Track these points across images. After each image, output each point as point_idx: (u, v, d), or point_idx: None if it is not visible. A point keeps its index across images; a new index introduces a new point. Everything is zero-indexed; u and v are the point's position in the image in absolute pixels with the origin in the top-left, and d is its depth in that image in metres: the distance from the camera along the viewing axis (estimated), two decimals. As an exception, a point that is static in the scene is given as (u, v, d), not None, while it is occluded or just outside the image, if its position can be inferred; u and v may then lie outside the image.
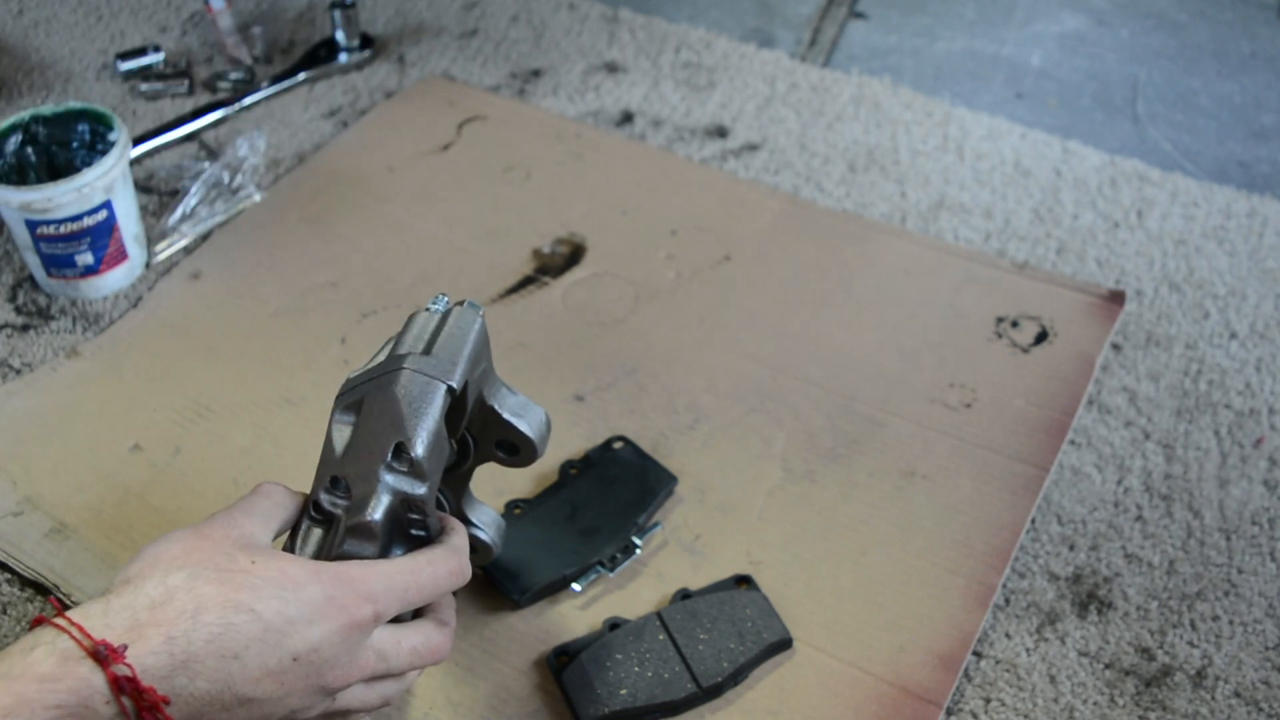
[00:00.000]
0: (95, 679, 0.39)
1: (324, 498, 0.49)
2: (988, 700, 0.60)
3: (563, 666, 0.59)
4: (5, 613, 0.63)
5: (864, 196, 0.90)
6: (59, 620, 0.40)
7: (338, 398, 0.50)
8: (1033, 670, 0.61)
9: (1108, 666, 0.62)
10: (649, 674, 0.57)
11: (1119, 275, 0.84)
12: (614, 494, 0.66)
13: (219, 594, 0.42)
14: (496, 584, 0.62)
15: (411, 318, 0.52)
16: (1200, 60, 1.06)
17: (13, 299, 0.83)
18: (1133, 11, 1.13)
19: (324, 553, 0.49)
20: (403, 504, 0.48)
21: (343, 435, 0.49)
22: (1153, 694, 0.60)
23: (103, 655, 0.39)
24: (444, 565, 0.48)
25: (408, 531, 0.49)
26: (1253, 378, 0.77)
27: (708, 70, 1.03)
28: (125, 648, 0.40)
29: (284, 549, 0.50)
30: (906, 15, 1.12)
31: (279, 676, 0.43)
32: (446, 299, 0.53)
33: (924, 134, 0.96)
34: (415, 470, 0.47)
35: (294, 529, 0.50)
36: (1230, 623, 0.64)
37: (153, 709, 0.40)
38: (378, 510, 0.47)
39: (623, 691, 0.57)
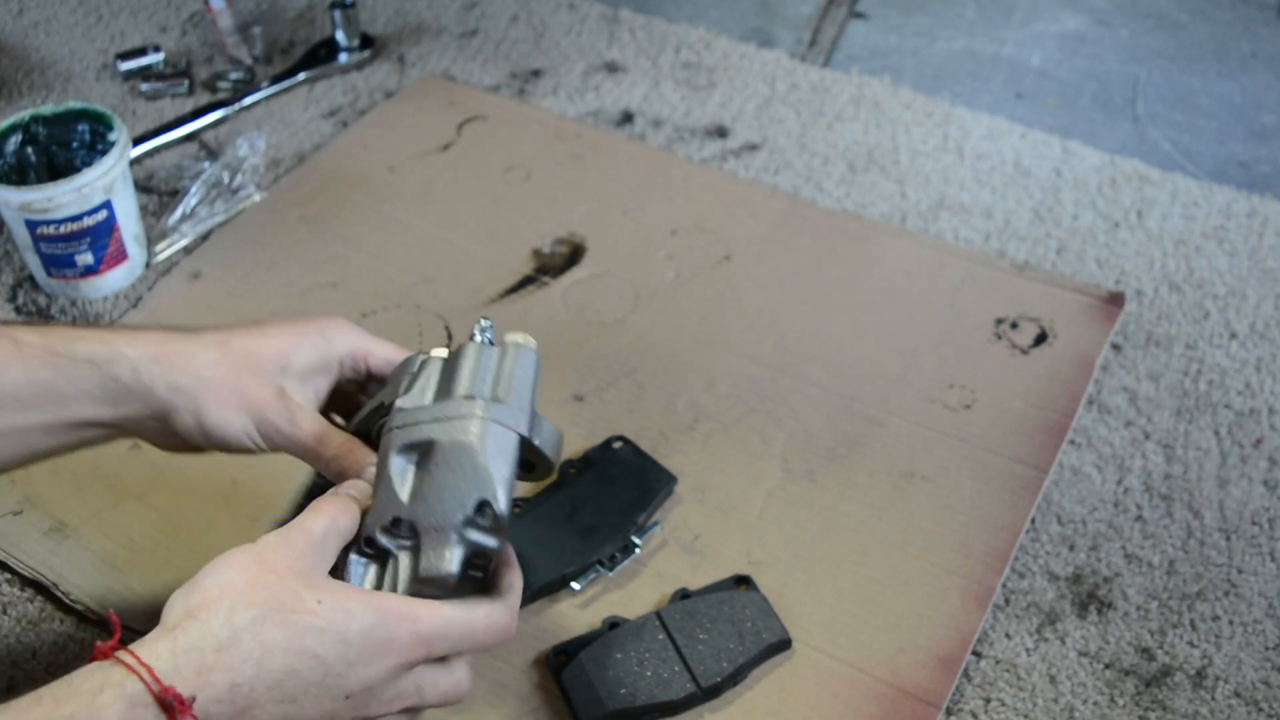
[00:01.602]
0: None
1: (383, 538, 0.48)
2: (988, 700, 0.60)
3: (562, 666, 0.59)
4: (5, 613, 0.63)
5: (864, 196, 0.90)
6: (128, 659, 0.40)
7: (393, 430, 0.49)
8: (1033, 670, 0.61)
9: (1108, 666, 0.62)
10: (648, 673, 0.57)
11: (1119, 275, 0.84)
12: (613, 493, 0.66)
13: (285, 639, 0.42)
14: None
15: (463, 349, 0.52)
16: (1200, 60, 1.06)
17: (13, 299, 0.83)
18: (1133, 11, 1.13)
19: (381, 588, 0.48)
20: (475, 554, 0.47)
21: (406, 476, 0.48)
22: (1153, 694, 0.60)
23: (171, 706, 0.39)
24: (499, 622, 0.48)
25: (467, 573, 0.48)
26: (1253, 378, 0.77)
27: (708, 70, 1.03)
28: (194, 700, 0.40)
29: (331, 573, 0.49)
30: (906, 15, 1.12)
31: (331, 714, 0.44)
32: (492, 325, 0.53)
33: (924, 134, 0.96)
34: (497, 526, 0.47)
35: (343, 555, 0.49)
36: (1230, 623, 0.64)
37: None
38: (455, 563, 0.46)
39: (622, 691, 0.57)
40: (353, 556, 0.48)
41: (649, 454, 0.69)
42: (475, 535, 0.46)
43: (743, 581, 0.63)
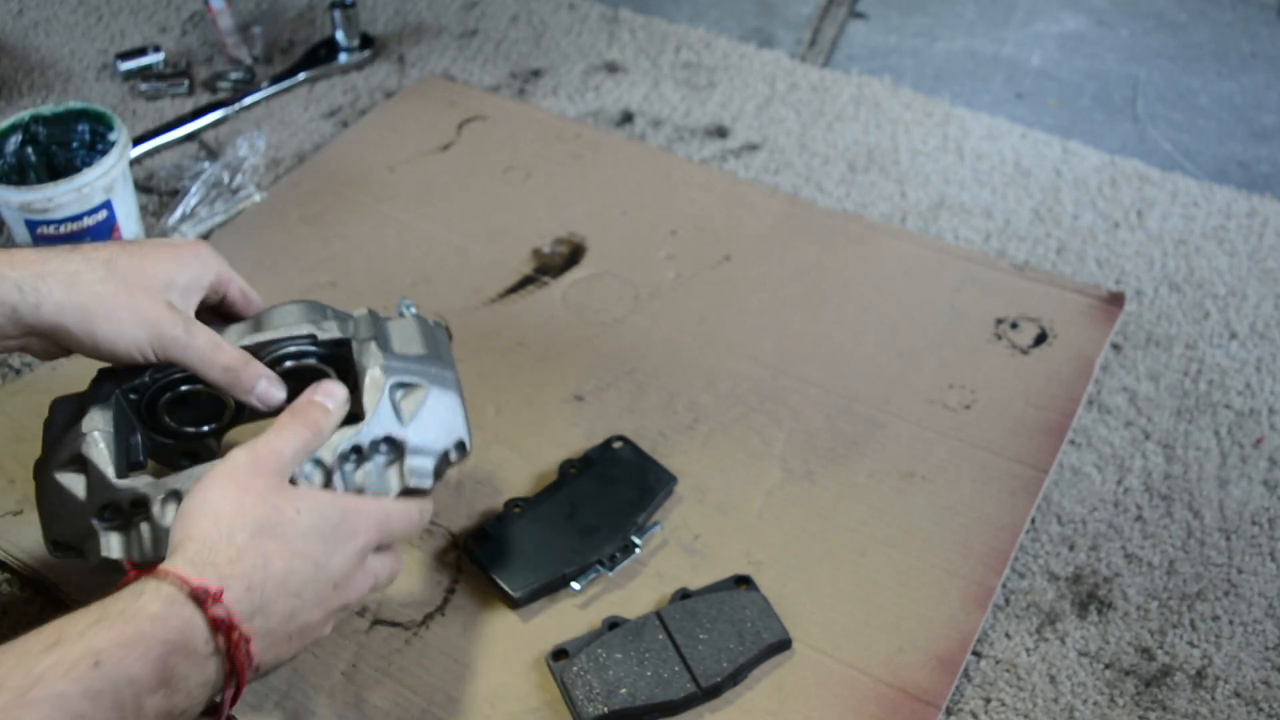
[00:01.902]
0: (196, 619, 0.45)
1: (372, 447, 0.57)
2: (988, 700, 0.60)
3: (562, 665, 0.59)
4: (5, 613, 0.63)
5: (864, 196, 0.90)
6: (161, 570, 0.46)
7: (390, 366, 0.58)
8: (1033, 670, 0.61)
9: (1108, 666, 0.62)
10: (648, 673, 0.57)
11: (1119, 275, 0.84)
12: (613, 493, 0.66)
13: (279, 547, 0.48)
14: (495, 582, 0.62)
15: (413, 319, 0.63)
16: (1200, 60, 1.06)
17: (12, 299, 0.83)
18: (1133, 11, 1.13)
19: (348, 483, 0.56)
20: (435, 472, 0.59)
21: (401, 407, 0.57)
22: (1153, 694, 0.60)
23: (202, 598, 0.45)
24: (426, 514, 0.58)
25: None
26: (1253, 378, 0.77)
27: (708, 70, 1.03)
28: (222, 592, 0.46)
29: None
30: (906, 15, 1.12)
31: (325, 602, 0.50)
32: (411, 302, 0.65)
33: (924, 134, 0.96)
34: (463, 456, 0.59)
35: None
36: (1230, 623, 0.64)
37: (243, 643, 0.46)
38: (429, 477, 0.57)
39: (622, 691, 0.57)
40: (338, 452, 0.56)
41: (649, 454, 0.69)
42: (450, 460, 0.58)
43: (743, 581, 0.63)
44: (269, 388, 0.58)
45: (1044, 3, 1.14)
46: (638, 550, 0.65)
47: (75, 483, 0.56)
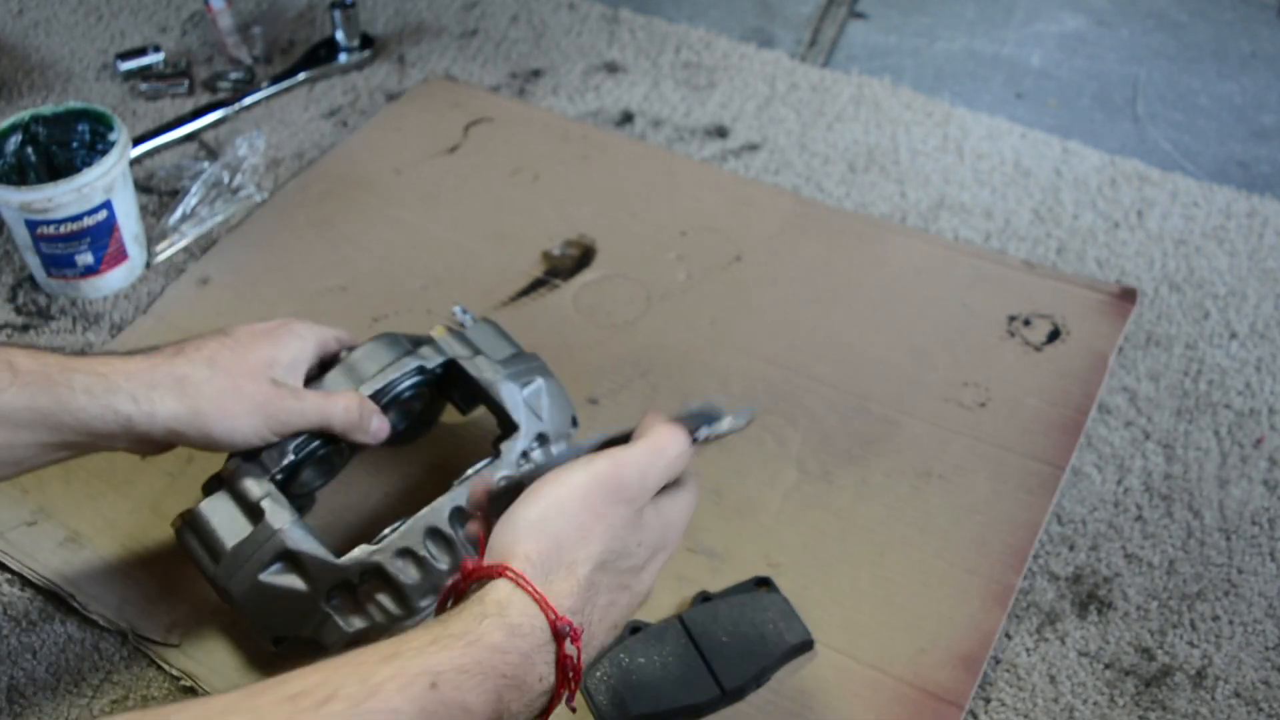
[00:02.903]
0: (540, 657, 0.44)
1: (535, 449, 0.63)
2: (988, 700, 0.61)
3: (586, 671, 0.59)
4: (5, 613, 0.64)
5: (864, 196, 0.90)
6: (525, 585, 0.44)
7: (512, 373, 0.64)
8: (1033, 670, 0.62)
9: (1108, 666, 0.62)
10: (672, 677, 0.58)
11: (1119, 275, 0.84)
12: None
13: (610, 580, 0.47)
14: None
15: (480, 323, 0.69)
16: (1200, 60, 1.07)
17: (13, 299, 0.82)
18: (1133, 11, 1.13)
19: None
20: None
21: (535, 400, 0.64)
22: (1153, 694, 0.61)
23: (565, 633, 0.44)
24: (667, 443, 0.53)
25: None
26: (1253, 378, 0.77)
27: (708, 70, 1.03)
28: (580, 633, 0.44)
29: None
30: (906, 15, 1.12)
31: (630, 596, 0.48)
32: (465, 308, 0.71)
33: (924, 134, 0.96)
34: (575, 426, 0.67)
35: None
36: (1230, 623, 0.64)
37: (573, 681, 0.45)
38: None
39: (646, 695, 0.57)
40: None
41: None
42: (569, 433, 0.66)
43: (763, 583, 0.63)
44: (382, 423, 0.62)
45: (1044, 3, 1.14)
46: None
47: (289, 579, 0.57)
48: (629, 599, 0.48)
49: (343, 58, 1.02)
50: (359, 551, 0.56)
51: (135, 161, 0.93)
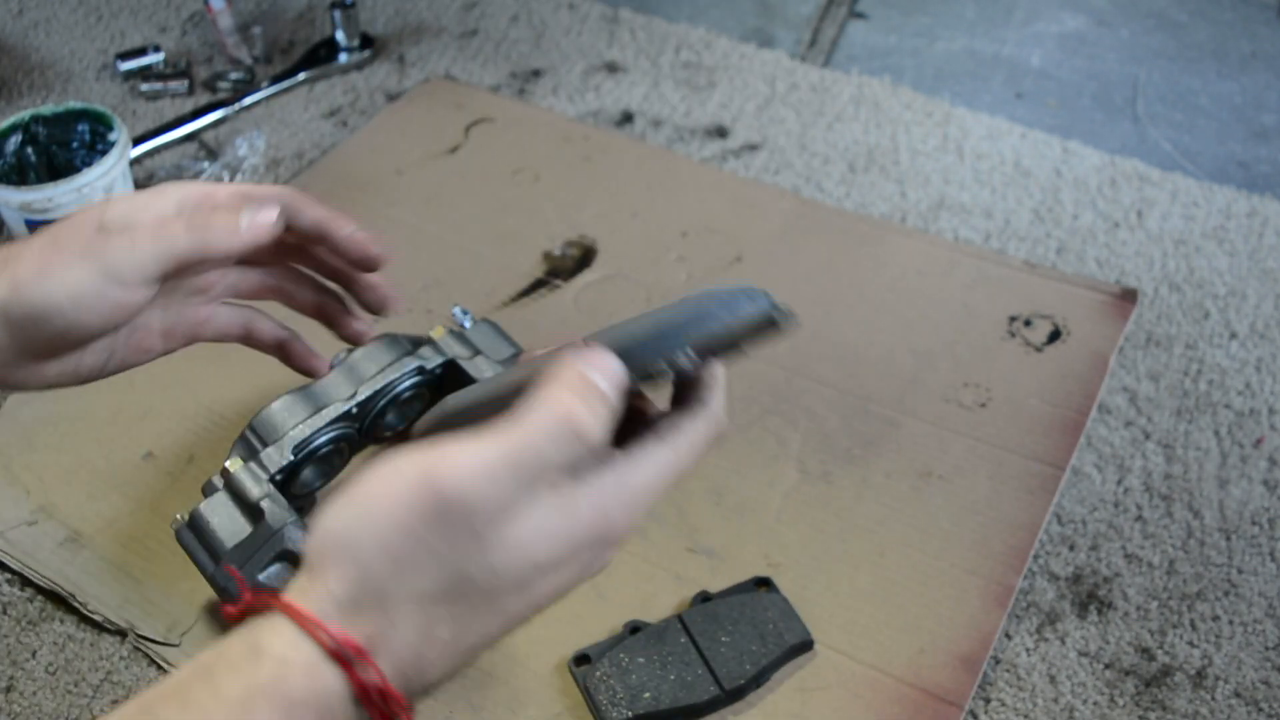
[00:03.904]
0: (332, 683, 0.34)
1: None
2: (988, 700, 0.61)
3: (585, 671, 0.59)
4: (5, 613, 0.63)
5: (864, 196, 0.90)
6: (284, 604, 0.35)
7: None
8: (1033, 670, 0.62)
9: (1108, 666, 0.62)
10: (671, 677, 0.58)
11: (1119, 275, 0.84)
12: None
13: (452, 613, 0.35)
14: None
15: (480, 323, 0.67)
16: (1200, 60, 1.07)
17: (14, 301, 0.82)
18: (1133, 11, 1.13)
19: None
20: None
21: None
22: (1153, 694, 0.61)
23: (345, 655, 0.34)
24: (683, 464, 0.40)
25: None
26: (1253, 378, 0.77)
27: (708, 70, 1.03)
28: (369, 654, 0.34)
29: None
30: (906, 15, 1.12)
31: (503, 619, 0.37)
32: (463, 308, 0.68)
33: (924, 134, 0.96)
34: None
35: None
36: (1230, 623, 0.64)
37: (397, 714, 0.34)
38: None
39: (646, 695, 0.57)
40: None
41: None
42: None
43: (763, 583, 0.63)
44: (256, 214, 0.49)
45: (1044, 3, 1.14)
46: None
47: (289, 579, 0.54)
48: (501, 621, 0.36)
49: (343, 58, 1.02)
50: None
51: (135, 161, 0.93)
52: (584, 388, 0.36)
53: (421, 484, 0.34)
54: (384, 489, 0.35)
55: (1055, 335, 0.78)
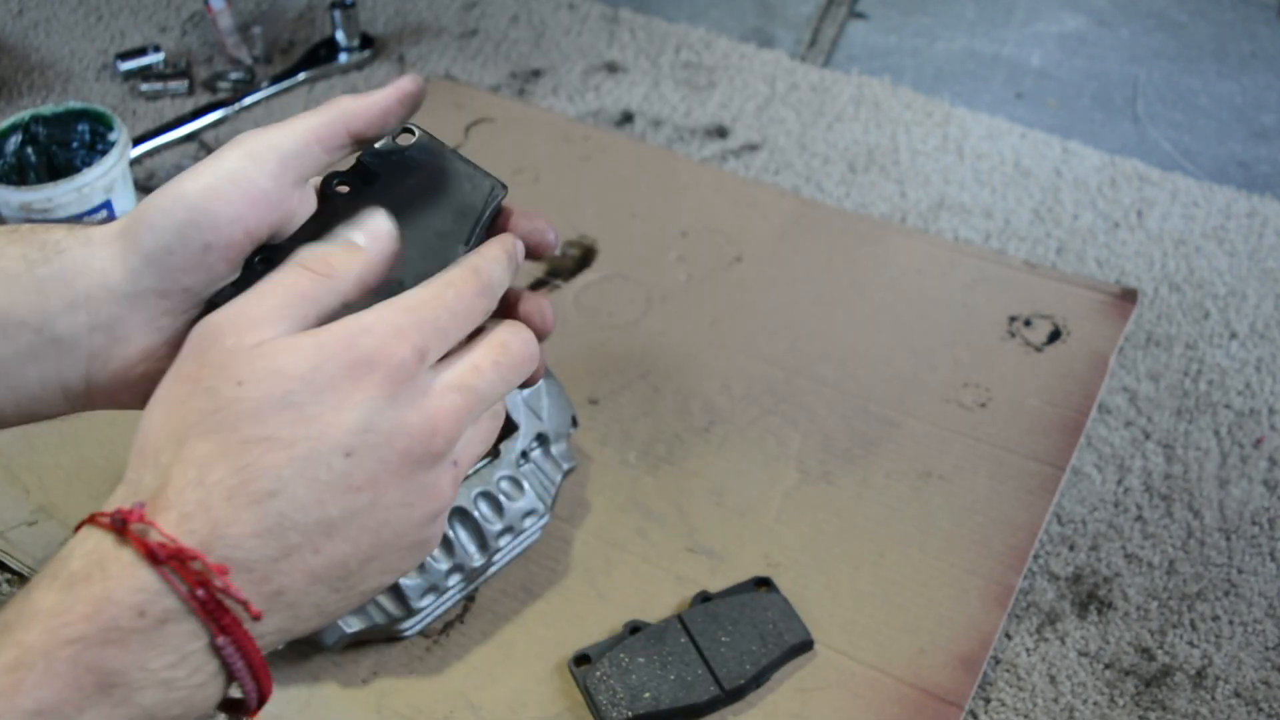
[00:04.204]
0: (122, 565, 0.31)
1: (534, 448, 0.63)
2: (988, 700, 0.61)
3: (585, 671, 0.59)
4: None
5: (864, 196, 0.90)
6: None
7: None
8: (1033, 670, 0.62)
9: (1108, 666, 0.62)
10: (671, 677, 0.58)
11: (1119, 275, 0.84)
12: (411, 222, 0.44)
13: (216, 444, 0.33)
14: None
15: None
16: (1200, 60, 1.07)
17: (15, 301, 0.82)
18: (1133, 11, 1.13)
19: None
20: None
21: (533, 399, 0.63)
22: (1153, 694, 0.61)
23: (117, 522, 0.31)
24: (468, 283, 0.39)
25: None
26: (1253, 378, 0.77)
27: (708, 70, 1.03)
28: (142, 505, 0.32)
29: None
30: (906, 15, 1.12)
31: (344, 482, 0.34)
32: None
33: (924, 134, 0.96)
34: (575, 427, 0.67)
35: None
36: (1230, 623, 0.64)
37: (213, 584, 0.31)
38: (566, 453, 0.66)
39: (646, 695, 0.57)
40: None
41: (457, 153, 0.48)
42: (569, 435, 0.66)
43: (763, 583, 0.63)
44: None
45: (1044, 3, 1.14)
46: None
47: None
48: (285, 460, 0.33)
49: (343, 58, 1.02)
50: None
51: (135, 161, 0.93)
52: (328, 250, 0.38)
53: (189, 342, 0.35)
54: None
55: (1055, 335, 0.78)
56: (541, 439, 0.64)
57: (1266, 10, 1.13)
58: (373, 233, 0.40)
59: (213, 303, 0.40)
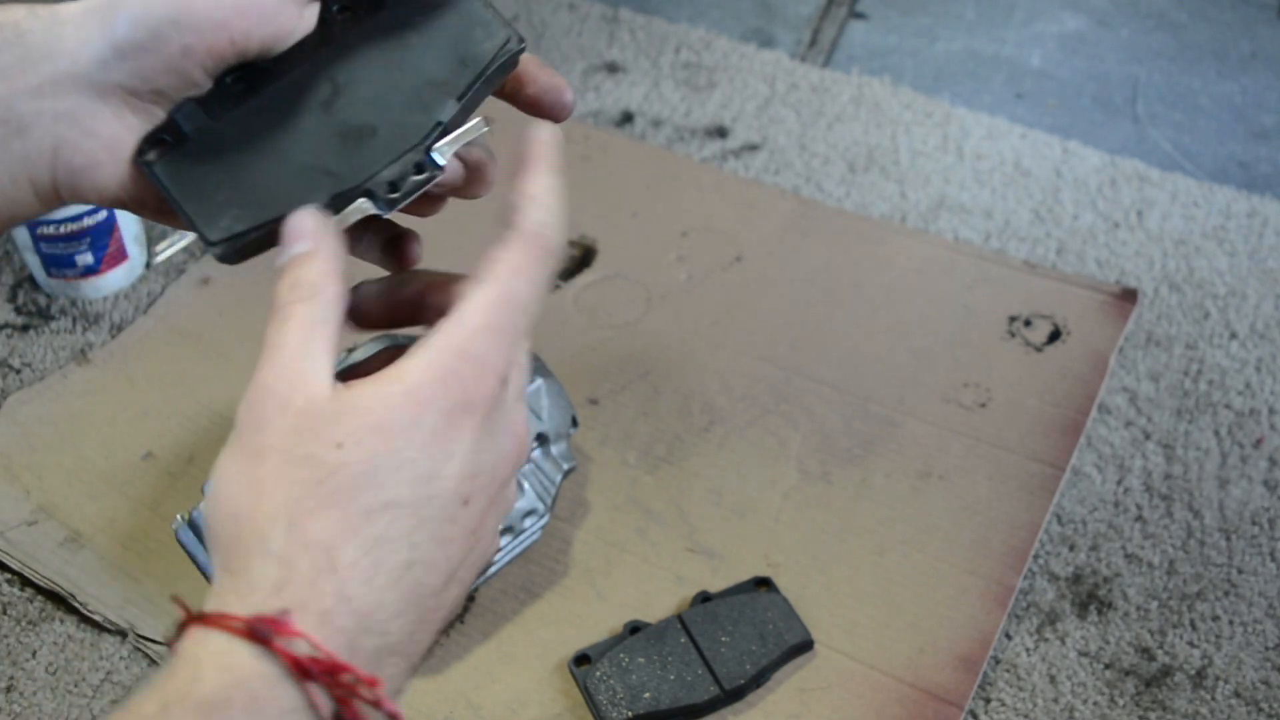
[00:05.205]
0: (260, 667, 0.28)
1: (534, 449, 0.65)
2: (988, 700, 0.61)
3: (585, 671, 0.59)
4: (5, 613, 0.63)
5: (864, 197, 0.90)
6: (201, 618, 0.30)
7: None
8: (1033, 670, 0.62)
9: (1108, 666, 0.62)
10: (671, 677, 0.58)
11: (1119, 275, 0.84)
12: (405, 64, 0.39)
13: (336, 519, 0.30)
14: (186, 218, 0.39)
15: None
16: (1200, 60, 1.07)
17: (13, 299, 0.82)
18: (1133, 11, 1.13)
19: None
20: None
21: (534, 400, 0.63)
22: (1153, 694, 0.61)
23: (261, 632, 0.28)
24: (537, 263, 0.37)
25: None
26: (1253, 378, 0.77)
27: (708, 70, 1.03)
28: (288, 612, 0.29)
29: None
30: (906, 15, 1.12)
31: (465, 530, 0.33)
32: None
33: (924, 134, 0.96)
34: (576, 426, 0.68)
35: None
36: (1230, 623, 0.64)
37: (363, 697, 0.29)
38: (567, 453, 0.67)
39: (645, 695, 0.57)
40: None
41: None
42: (569, 435, 0.66)
43: (763, 583, 0.63)
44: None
45: (1044, 3, 1.14)
46: (438, 171, 0.40)
47: None
48: (408, 515, 0.31)
49: (343, 57, 1.02)
50: None
51: (135, 161, 0.92)
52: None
53: (242, 414, 0.33)
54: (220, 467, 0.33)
55: (1055, 335, 0.78)
56: (541, 439, 0.64)
57: (1266, 10, 1.13)
58: (303, 233, 0.37)
59: (174, 123, 0.37)
